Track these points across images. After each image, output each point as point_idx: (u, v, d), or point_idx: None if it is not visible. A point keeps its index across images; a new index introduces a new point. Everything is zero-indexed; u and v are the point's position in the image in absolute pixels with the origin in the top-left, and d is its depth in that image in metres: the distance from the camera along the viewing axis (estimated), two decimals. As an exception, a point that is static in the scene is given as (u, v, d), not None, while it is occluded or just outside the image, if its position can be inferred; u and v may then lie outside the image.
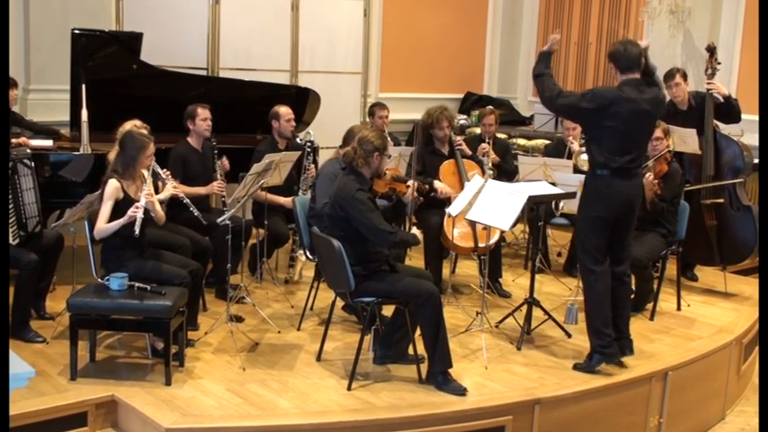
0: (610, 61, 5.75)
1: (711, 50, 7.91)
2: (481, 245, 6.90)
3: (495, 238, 6.89)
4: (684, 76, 7.88)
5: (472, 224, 6.84)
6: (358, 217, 5.43)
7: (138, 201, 5.60)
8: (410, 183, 6.54)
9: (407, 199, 6.59)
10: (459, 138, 7.69)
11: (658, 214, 6.83)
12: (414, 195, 6.57)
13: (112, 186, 5.57)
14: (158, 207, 5.74)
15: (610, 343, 5.75)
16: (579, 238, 5.92)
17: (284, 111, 7.66)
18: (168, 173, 6.34)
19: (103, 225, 5.54)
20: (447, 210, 6.61)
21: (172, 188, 6.03)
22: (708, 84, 7.73)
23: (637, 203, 5.82)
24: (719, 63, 7.93)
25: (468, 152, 7.72)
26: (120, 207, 5.57)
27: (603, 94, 5.64)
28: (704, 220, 7.84)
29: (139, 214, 5.48)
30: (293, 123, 7.76)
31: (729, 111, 7.76)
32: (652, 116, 5.72)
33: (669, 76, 7.82)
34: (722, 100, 7.70)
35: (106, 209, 5.55)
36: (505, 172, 8.17)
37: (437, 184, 7.27)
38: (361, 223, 5.44)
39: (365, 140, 5.58)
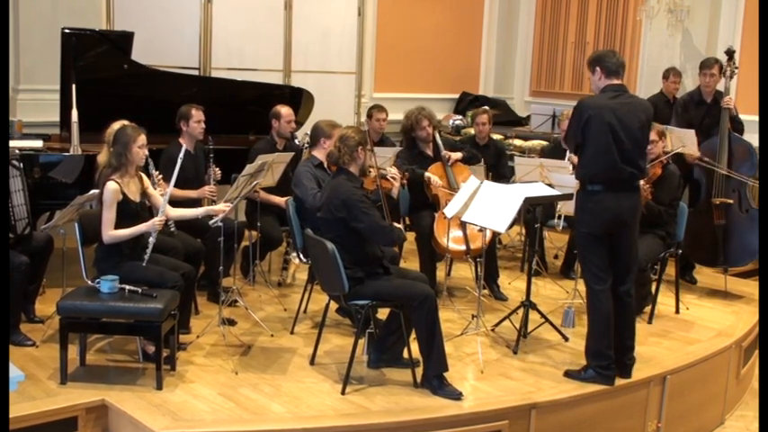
0: (594, 65, 5.55)
1: (731, 54, 7.97)
2: (473, 246, 6.84)
3: (487, 238, 6.80)
4: (720, 69, 7.95)
5: (463, 226, 6.77)
6: (359, 216, 5.41)
7: (135, 201, 5.63)
8: (393, 174, 6.55)
9: (395, 194, 6.64)
10: (450, 154, 7.49)
11: (655, 217, 6.75)
12: (399, 189, 6.62)
13: (111, 190, 5.51)
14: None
15: (609, 365, 5.64)
16: (579, 256, 5.78)
17: (286, 111, 7.64)
18: (160, 176, 6.30)
19: (116, 232, 5.52)
20: (443, 211, 6.56)
21: (161, 192, 5.97)
22: (725, 103, 7.77)
23: (632, 220, 5.61)
24: (737, 67, 7.96)
25: (458, 156, 7.55)
26: (120, 209, 5.54)
27: (582, 103, 5.52)
28: (713, 218, 7.82)
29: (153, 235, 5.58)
30: (293, 125, 7.74)
31: (734, 129, 7.89)
32: (639, 123, 5.49)
33: (707, 64, 8.00)
34: (735, 113, 7.85)
35: (111, 215, 5.51)
36: (499, 176, 8.08)
37: (428, 175, 7.22)
38: (362, 222, 5.42)
39: (346, 137, 5.59)
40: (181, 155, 5.75)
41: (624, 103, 5.49)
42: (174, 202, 6.16)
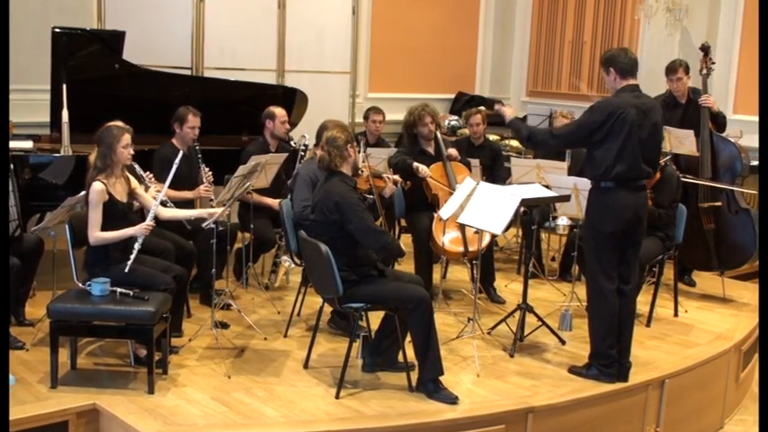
0: (608, 66, 5.56)
1: (705, 50, 7.87)
2: (471, 249, 6.78)
3: (485, 241, 6.73)
4: (686, 71, 7.81)
5: (461, 228, 6.71)
6: (352, 218, 5.35)
7: (122, 201, 5.61)
8: (387, 176, 6.51)
9: (387, 194, 6.58)
10: (451, 151, 7.45)
11: (655, 220, 6.68)
12: (392, 188, 6.58)
13: (97, 191, 5.49)
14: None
15: (611, 363, 5.67)
16: (591, 255, 5.73)
17: (280, 112, 7.59)
18: (151, 176, 6.24)
19: (102, 234, 5.50)
20: (438, 212, 6.51)
21: (155, 191, 5.94)
22: (703, 102, 7.66)
23: (644, 217, 5.66)
24: (714, 63, 7.86)
25: (456, 154, 7.49)
26: (107, 210, 5.52)
27: (607, 103, 5.51)
28: (702, 223, 7.74)
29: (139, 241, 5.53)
30: (287, 126, 7.67)
31: (717, 124, 7.77)
32: (655, 123, 5.55)
33: (671, 70, 7.81)
34: (716, 109, 7.75)
35: (97, 216, 5.49)
36: (495, 178, 8.00)
37: (416, 164, 7.14)
38: (354, 224, 5.36)
39: (332, 139, 5.53)
40: (177, 160, 5.70)
41: (644, 103, 5.51)
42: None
